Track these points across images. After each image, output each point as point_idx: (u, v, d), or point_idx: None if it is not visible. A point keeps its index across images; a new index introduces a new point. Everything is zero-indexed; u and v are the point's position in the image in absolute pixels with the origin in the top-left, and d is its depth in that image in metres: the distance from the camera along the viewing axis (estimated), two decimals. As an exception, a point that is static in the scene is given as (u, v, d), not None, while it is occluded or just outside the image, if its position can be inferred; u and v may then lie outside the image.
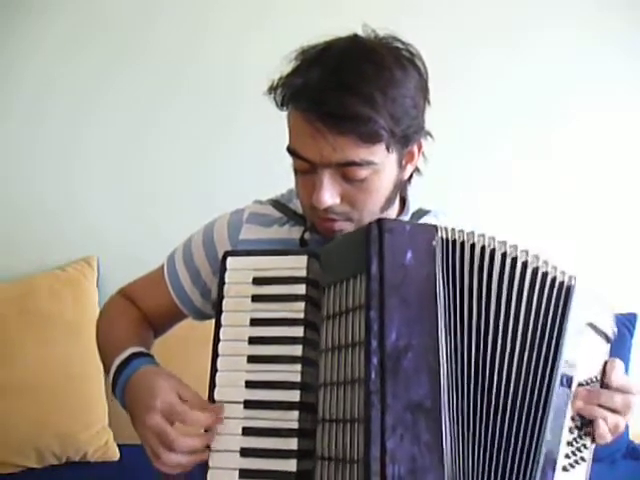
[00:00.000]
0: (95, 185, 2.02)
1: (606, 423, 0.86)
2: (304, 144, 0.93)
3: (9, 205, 2.01)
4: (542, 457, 0.80)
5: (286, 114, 0.97)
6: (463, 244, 0.82)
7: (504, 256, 0.82)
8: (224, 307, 0.92)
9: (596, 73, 2.00)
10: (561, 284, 0.84)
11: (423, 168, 1.04)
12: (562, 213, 2.02)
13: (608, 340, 0.94)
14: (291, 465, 0.83)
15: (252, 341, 0.89)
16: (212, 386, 0.89)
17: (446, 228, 0.83)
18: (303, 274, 0.89)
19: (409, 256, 0.79)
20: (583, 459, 0.86)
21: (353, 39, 0.95)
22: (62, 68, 1.99)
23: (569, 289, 0.84)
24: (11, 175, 2.02)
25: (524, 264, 0.83)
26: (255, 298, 0.91)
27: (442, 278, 0.81)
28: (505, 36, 2.00)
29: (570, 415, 0.84)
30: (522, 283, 0.83)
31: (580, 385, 0.86)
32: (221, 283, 0.93)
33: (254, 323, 0.90)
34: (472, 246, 0.82)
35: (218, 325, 0.91)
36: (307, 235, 1.04)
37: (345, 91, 0.89)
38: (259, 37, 1.95)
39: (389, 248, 0.79)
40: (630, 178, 2.03)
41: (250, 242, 1.08)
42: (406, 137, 0.94)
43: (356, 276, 0.80)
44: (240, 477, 0.85)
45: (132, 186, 2.03)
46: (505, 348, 0.81)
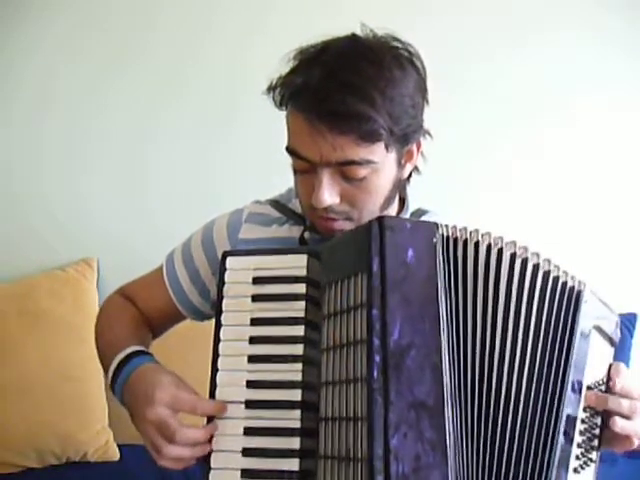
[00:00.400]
0: (95, 186, 2.02)
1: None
2: (303, 144, 0.92)
3: (9, 205, 2.01)
4: (556, 459, 0.79)
5: (285, 114, 0.96)
6: (466, 242, 0.82)
7: (513, 256, 0.81)
8: (224, 307, 0.91)
9: (596, 73, 2.00)
10: (572, 289, 0.84)
11: (423, 168, 1.04)
12: (562, 213, 2.02)
13: (613, 344, 0.94)
14: (293, 464, 0.83)
15: (253, 341, 0.89)
16: (213, 386, 0.88)
17: (447, 225, 0.82)
18: (303, 273, 0.89)
19: (410, 254, 0.79)
20: (592, 460, 0.86)
21: (352, 39, 0.95)
22: (62, 68, 1.99)
23: (579, 294, 0.84)
24: (11, 175, 2.02)
25: (535, 266, 0.81)
26: (255, 298, 0.90)
27: (443, 276, 0.80)
28: (505, 36, 2.00)
29: (580, 417, 0.83)
30: (533, 286, 0.81)
31: (588, 389, 0.85)
32: (221, 283, 0.92)
33: (254, 323, 0.90)
34: (476, 244, 0.81)
35: (218, 325, 0.91)
36: (307, 234, 1.04)
37: (344, 90, 0.88)
38: (259, 37, 1.95)
39: (390, 246, 0.78)
40: (630, 178, 2.03)
41: (249, 242, 1.08)
42: (405, 136, 0.94)
43: (357, 274, 0.80)
44: (242, 477, 0.84)
45: (132, 187, 2.03)
46: (514, 351, 0.80)
